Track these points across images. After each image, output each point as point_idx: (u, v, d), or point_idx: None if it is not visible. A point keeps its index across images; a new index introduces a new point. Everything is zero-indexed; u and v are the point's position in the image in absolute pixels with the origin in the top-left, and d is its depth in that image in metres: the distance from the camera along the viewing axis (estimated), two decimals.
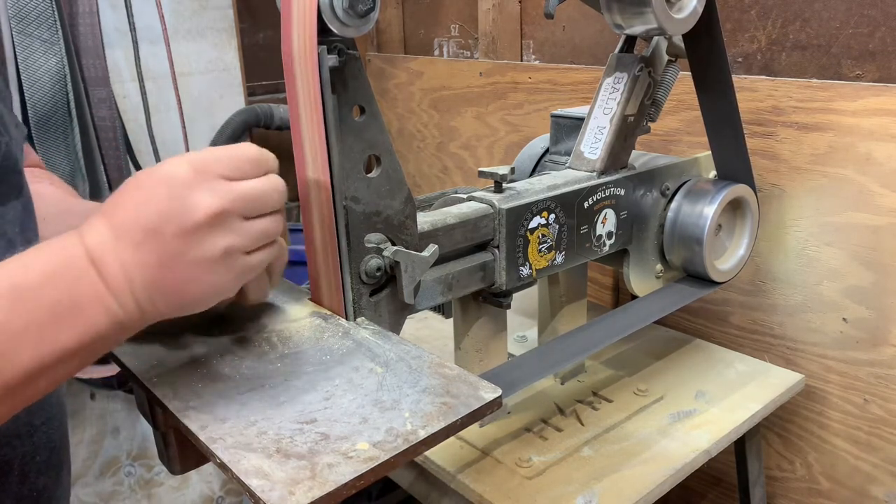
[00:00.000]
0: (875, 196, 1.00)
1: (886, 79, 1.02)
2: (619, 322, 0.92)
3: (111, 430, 1.57)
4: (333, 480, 0.45)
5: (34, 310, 0.46)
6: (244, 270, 0.53)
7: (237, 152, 0.54)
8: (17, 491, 0.61)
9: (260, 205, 0.53)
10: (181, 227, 0.49)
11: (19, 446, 0.61)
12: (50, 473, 0.65)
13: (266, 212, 0.54)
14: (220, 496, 1.74)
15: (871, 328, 1.05)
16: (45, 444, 0.64)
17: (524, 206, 0.81)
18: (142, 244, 0.49)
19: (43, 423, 0.64)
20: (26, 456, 0.62)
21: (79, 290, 0.48)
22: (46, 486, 0.64)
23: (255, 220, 0.53)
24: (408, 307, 0.73)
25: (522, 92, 1.46)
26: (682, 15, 0.83)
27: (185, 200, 0.50)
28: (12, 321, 0.45)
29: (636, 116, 0.92)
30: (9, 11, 1.24)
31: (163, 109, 1.55)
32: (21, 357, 0.45)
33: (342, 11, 0.58)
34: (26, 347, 0.45)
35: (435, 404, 0.53)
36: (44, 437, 0.64)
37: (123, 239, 0.49)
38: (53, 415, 0.66)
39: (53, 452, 0.66)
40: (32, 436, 0.63)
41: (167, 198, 0.49)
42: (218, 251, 0.51)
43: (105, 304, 0.49)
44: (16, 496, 0.61)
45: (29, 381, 0.46)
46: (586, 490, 0.83)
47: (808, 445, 1.17)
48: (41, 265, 0.48)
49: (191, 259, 0.50)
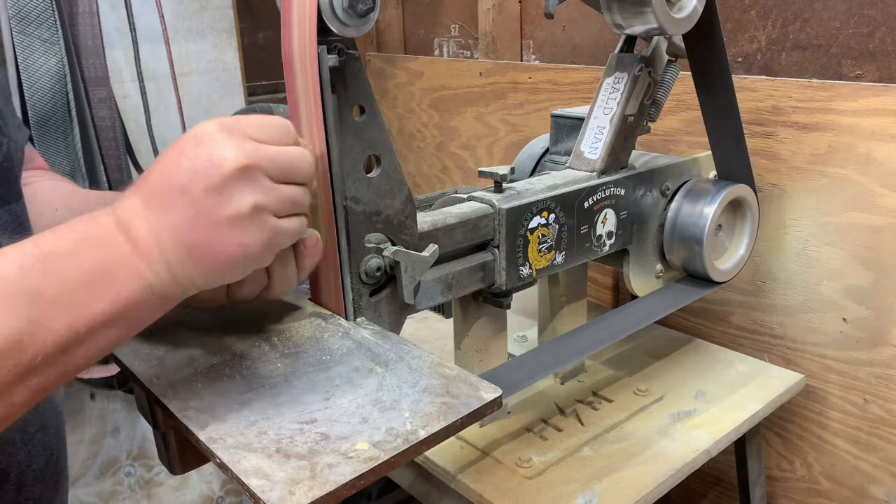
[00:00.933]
0: (875, 196, 1.00)
1: (886, 79, 1.02)
2: (619, 322, 0.92)
3: (111, 430, 1.57)
4: (333, 480, 0.45)
5: (66, 277, 0.46)
6: (274, 232, 0.52)
7: (267, 119, 0.54)
8: (14, 500, 0.61)
9: (288, 170, 0.53)
10: (209, 182, 0.49)
11: (15, 454, 0.61)
12: (48, 482, 0.65)
13: (294, 180, 0.54)
14: (220, 496, 1.74)
15: (871, 328, 1.05)
16: (41, 451, 0.64)
17: (524, 206, 0.81)
18: (172, 205, 0.49)
19: (38, 430, 0.63)
20: (22, 464, 0.61)
21: (109, 256, 0.48)
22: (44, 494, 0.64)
23: (284, 186, 0.53)
24: (408, 307, 0.73)
25: (522, 92, 1.46)
26: (682, 15, 0.83)
27: (212, 156, 0.49)
28: (44, 289, 0.45)
29: (636, 116, 0.92)
30: (9, 11, 1.24)
31: (163, 109, 1.55)
32: (55, 326, 0.45)
33: (342, 11, 0.58)
34: (60, 316, 0.45)
35: (435, 404, 0.53)
36: (39, 444, 0.63)
37: (153, 203, 0.49)
38: (49, 423, 0.65)
39: (51, 460, 0.65)
40: (28, 444, 0.62)
41: (195, 155, 0.50)
42: (247, 207, 0.50)
43: (135, 268, 0.48)
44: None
45: (64, 351, 0.46)
46: (586, 490, 0.83)
47: (808, 445, 1.17)
48: (73, 234, 0.48)
49: (220, 217, 0.49)
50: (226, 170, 0.49)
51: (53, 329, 0.45)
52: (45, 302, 0.45)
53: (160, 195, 0.50)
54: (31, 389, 0.45)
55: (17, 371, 0.44)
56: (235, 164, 0.49)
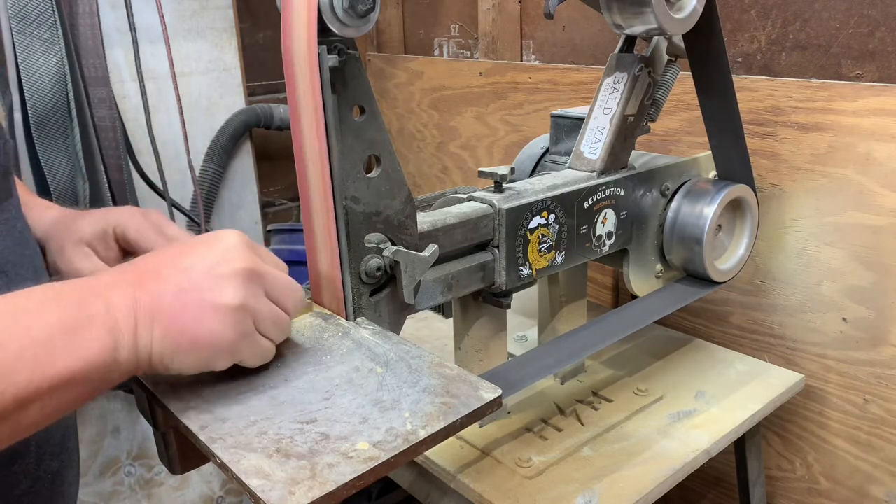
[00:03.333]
0: (875, 196, 1.00)
1: (886, 79, 1.02)
2: (619, 322, 0.92)
3: (111, 430, 1.57)
4: (333, 480, 0.45)
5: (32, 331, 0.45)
6: (246, 337, 0.54)
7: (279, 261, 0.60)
8: (35, 472, 0.62)
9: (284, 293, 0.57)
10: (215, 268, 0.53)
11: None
12: (62, 456, 0.67)
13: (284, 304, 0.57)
14: (220, 496, 1.74)
15: (871, 328, 1.05)
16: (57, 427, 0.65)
17: (524, 206, 0.81)
18: (169, 277, 0.52)
19: None
20: (41, 439, 0.63)
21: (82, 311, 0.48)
22: (60, 468, 0.66)
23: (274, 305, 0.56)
24: (408, 307, 0.73)
25: (522, 92, 1.46)
26: (682, 15, 0.83)
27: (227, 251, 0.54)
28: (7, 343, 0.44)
29: (636, 116, 0.92)
30: (9, 11, 1.24)
31: (163, 109, 1.55)
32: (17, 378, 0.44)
33: (342, 11, 0.58)
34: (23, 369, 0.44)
35: (435, 404, 0.53)
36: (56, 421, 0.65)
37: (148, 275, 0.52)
38: None
39: (66, 434, 0.67)
40: None
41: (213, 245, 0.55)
42: (235, 301, 0.52)
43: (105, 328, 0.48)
44: (33, 477, 0.62)
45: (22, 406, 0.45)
46: (586, 490, 0.83)
47: (808, 445, 1.17)
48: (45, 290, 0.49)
49: (208, 299, 0.52)
50: (235, 266, 0.53)
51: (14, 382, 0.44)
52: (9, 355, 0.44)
53: (159, 268, 0.53)
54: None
55: None
56: (244, 265, 0.54)
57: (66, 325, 0.47)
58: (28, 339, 0.45)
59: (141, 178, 1.49)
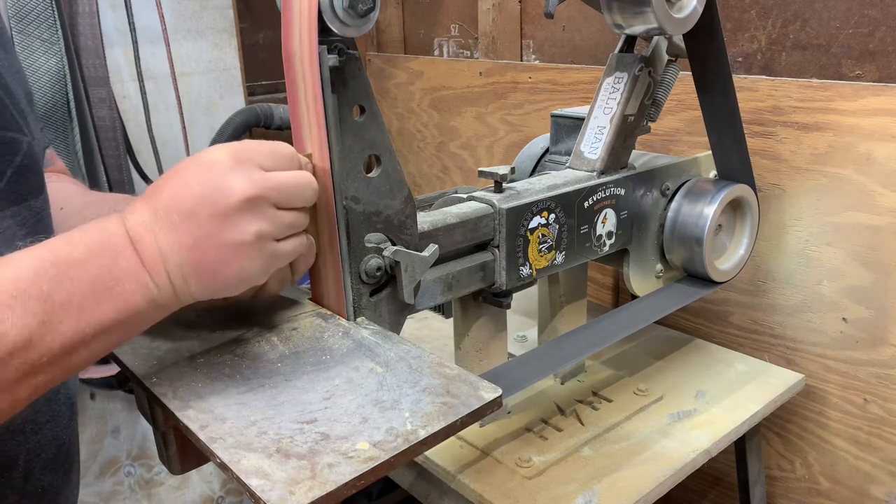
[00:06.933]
0: (875, 196, 1.00)
1: (886, 79, 1.02)
2: (619, 322, 0.92)
3: (111, 430, 1.57)
4: (333, 480, 0.45)
5: (76, 283, 0.48)
6: (274, 257, 0.56)
7: (276, 146, 0.57)
8: (22, 487, 0.62)
9: (292, 196, 0.56)
10: (216, 209, 0.52)
11: (24, 443, 0.61)
12: (57, 471, 0.66)
13: (297, 206, 0.57)
14: (220, 496, 1.74)
15: (871, 328, 1.05)
16: (51, 441, 0.64)
17: (524, 206, 0.81)
18: (178, 225, 0.52)
19: (48, 420, 0.64)
20: (31, 452, 0.62)
21: (118, 267, 0.50)
22: (53, 483, 0.65)
23: (287, 211, 0.56)
24: (408, 307, 0.72)
25: (522, 92, 1.46)
26: (682, 15, 0.83)
27: (221, 184, 0.53)
28: (55, 293, 0.47)
29: (636, 116, 0.92)
30: (9, 11, 1.24)
31: (163, 109, 1.55)
32: (62, 328, 0.47)
33: (342, 11, 0.58)
34: (68, 319, 0.47)
35: (435, 404, 0.53)
36: (50, 434, 0.64)
37: (161, 220, 0.52)
38: (61, 413, 0.66)
39: (61, 450, 0.66)
40: (38, 433, 0.63)
41: (205, 181, 0.53)
42: (250, 235, 0.53)
43: (141, 281, 0.51)
44: (20, 492, 0.61)
45: (69, 352, 0.48)
46: (586, 490, 0.83)
47: (808, 445, 1.17)
48: (85, 242, 0.50)
49: (223, 241, 0.52)
50: (232, 200, 0.52)
51: (61, 331, 0.47)
52: (54, 304, 0.47)
53: (168, 213, 0.52)
54: (35, 386, 0.48)
55: (23, 368, 0.46)
56: (242, 196, 0.53)
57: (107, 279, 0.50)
58: (73, 289, 0.48)
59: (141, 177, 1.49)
